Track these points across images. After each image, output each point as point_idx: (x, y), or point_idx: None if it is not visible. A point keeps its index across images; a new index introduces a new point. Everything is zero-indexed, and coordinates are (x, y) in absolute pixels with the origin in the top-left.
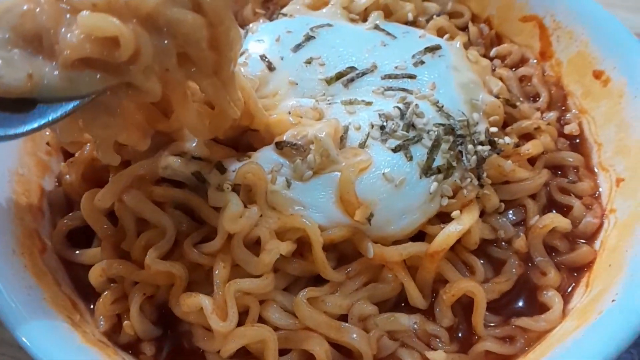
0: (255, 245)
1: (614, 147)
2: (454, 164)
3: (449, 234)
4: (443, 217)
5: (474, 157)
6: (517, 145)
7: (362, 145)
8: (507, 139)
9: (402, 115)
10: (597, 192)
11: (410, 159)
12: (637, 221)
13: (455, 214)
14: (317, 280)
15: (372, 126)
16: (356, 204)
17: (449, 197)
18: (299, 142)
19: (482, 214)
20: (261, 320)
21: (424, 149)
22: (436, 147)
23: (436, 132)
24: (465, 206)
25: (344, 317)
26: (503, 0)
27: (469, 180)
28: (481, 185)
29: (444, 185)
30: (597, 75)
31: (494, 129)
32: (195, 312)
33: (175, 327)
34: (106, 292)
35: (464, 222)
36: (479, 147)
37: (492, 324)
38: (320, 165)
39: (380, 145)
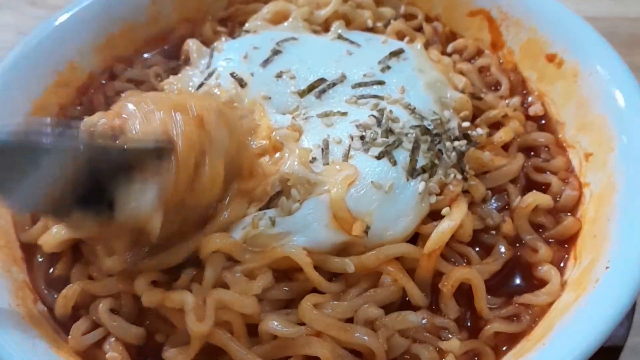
0: None
1: (576, 125)
2: (437, 162)
3: (442, 231)
4: (434, 216)
5: (454, 154)
6: (489, 135)
7: (346, 157)
8: (479, 131)
9: (379, 123)
10: (571, 167)
11: (395, 163)
12: (612, 191)
13: (445, 210)
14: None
15: (352, 138)
16: (351, 219)
17: (437, 194)
18: (278, 189)
19: (470, 206)
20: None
21: (405, 152)
22: (417, 149)
23: (414, 134)
24: (453, 201)
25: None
26: None
27: (452, 175)
28: (465, 179)
29: (430, 183)
30: (550, 58)
31: (466, 124)
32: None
33: None
34: (75, 325)
35: (455, 218)
36: (456, 143)
37: (495, 306)
38: (305, 193)
39: (363, 155)
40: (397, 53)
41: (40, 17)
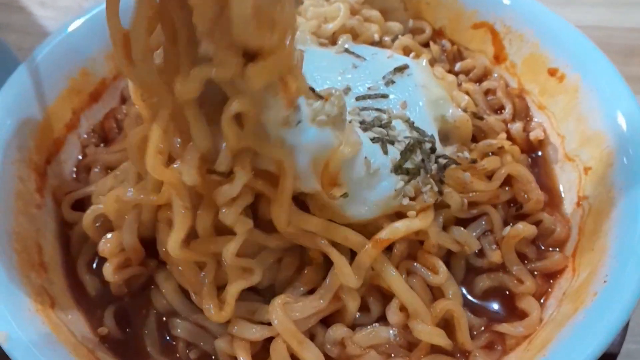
0: None
1: (577, 139)
2: (421, 170)
3: (399, 227)
4: (401, 217)
5: (435, 165)
6: (474, 161)
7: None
8: (466, 154)
9: (378, 124)
10: (558, 203)
11: (386, 153)
12: (610, 205)
13: (410, 213)
14: None
15: (351, 122)
16: (335, 181)
17: (410, 199)
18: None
19: (445, 227)
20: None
21: (396, 151)
22: (409, 151)
23: (407, 141)
24: (423, 210)
25: None
26: (453, 11)
27: (429, 186)
28: (440, 192)
29: (407, 186)
30: (552, 72)
31: (454, 146)
32: None
33: None
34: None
35: (415, 222)
36: (439, 160)
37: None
38: (332, 119)
39: (361, 132)
40: (401, 68)
41: (48, 18)
